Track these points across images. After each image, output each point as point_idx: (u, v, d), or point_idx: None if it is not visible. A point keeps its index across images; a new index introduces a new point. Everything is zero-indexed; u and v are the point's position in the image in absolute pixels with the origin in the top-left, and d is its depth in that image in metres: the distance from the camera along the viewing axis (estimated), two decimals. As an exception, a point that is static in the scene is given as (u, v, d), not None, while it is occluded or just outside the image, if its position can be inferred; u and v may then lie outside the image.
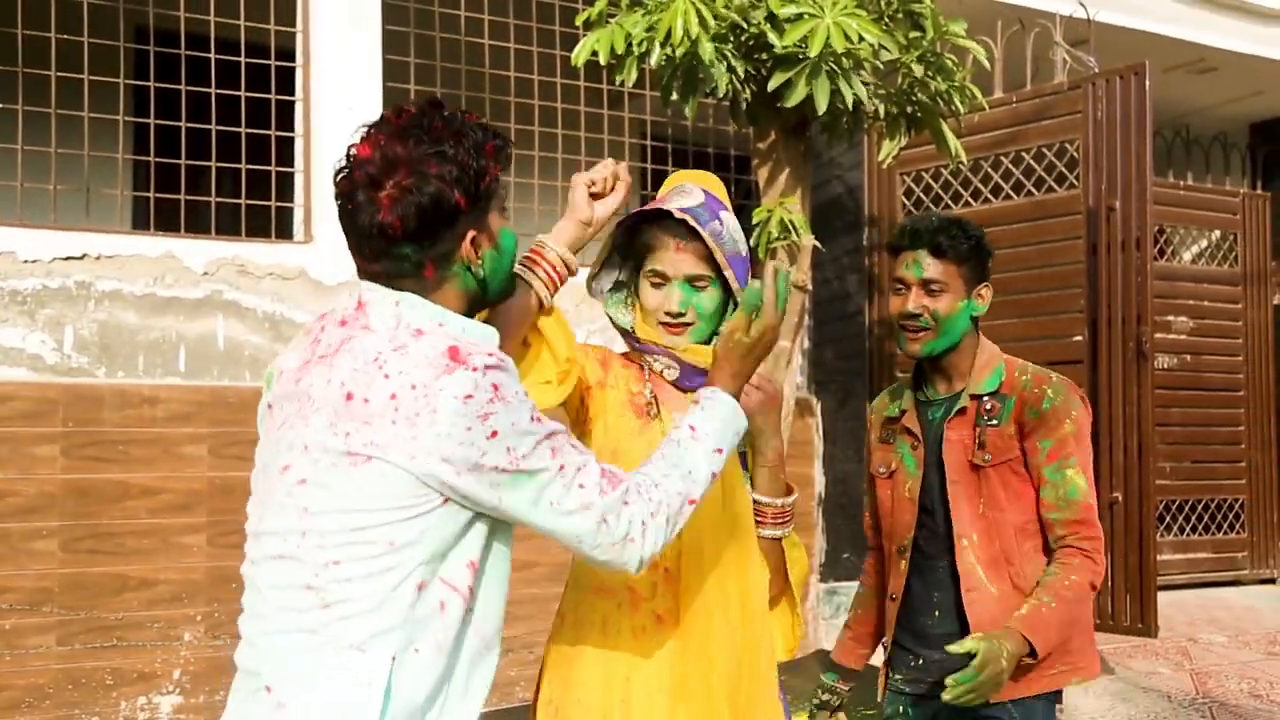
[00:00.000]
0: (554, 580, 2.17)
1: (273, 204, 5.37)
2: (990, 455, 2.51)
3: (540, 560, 4.69)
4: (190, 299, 5.04)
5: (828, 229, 6.45)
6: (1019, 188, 6.08)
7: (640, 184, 6.31)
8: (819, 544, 6.45)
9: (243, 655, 1.71)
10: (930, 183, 6.44)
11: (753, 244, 4.70)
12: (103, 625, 4.72)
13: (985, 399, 2.56)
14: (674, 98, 4.34)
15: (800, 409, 6.11)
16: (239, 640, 1.74)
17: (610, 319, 2.16)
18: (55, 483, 4.69)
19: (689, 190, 2.08)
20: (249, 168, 5.38)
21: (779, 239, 4.57)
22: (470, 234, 1.70)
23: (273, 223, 5.38)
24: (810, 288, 5.00)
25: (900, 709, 2.67)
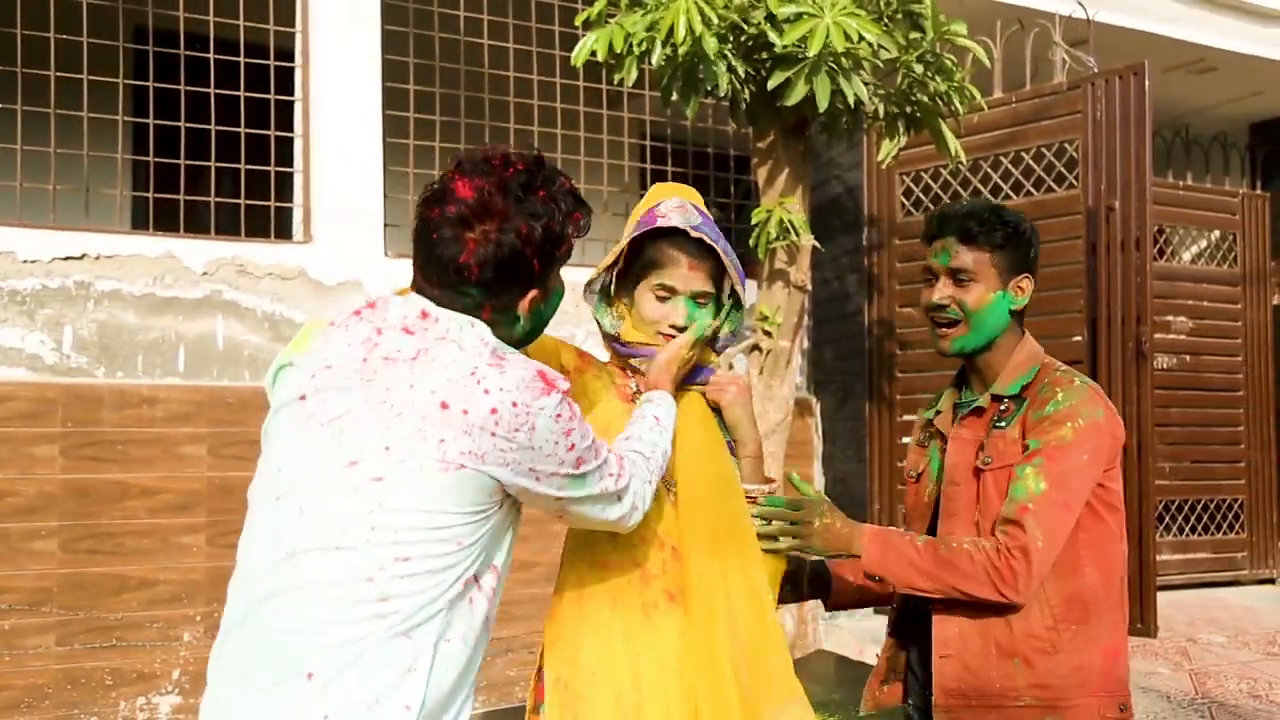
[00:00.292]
0: (552, 581, 2.19)
1: (272, 204, 5.37)
2: (990, 459, 2.36)
3: (539, 560, 4.69)
4: (189, 299, 5.04)
5: (827, 229, 6.45)
6: (1018, 188, 6.08)
7: (640, 184, 6.31)
8: (818, 544, 6.43)
9: (264, 646, 1.69)
10: (930, 183, 6.43)
11: (752, 244, 4.71)
12: (102, 625, 4.72)
13: (1005, 401, 2.38)
14: (674, 98, 4.34)
15: (800, 409, 6.11)
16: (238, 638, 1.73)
17: (597, 322, 2.25)
18: (55, 483, 4.69)
19: (687, 207, 2.18)
20: (248, 168, 5.39)
21: (778, 239, 4.57)
22: (533, 294, 1.84)
23: (272, 223, 5.38)
24: (809, 288, 5.00)
25: None
